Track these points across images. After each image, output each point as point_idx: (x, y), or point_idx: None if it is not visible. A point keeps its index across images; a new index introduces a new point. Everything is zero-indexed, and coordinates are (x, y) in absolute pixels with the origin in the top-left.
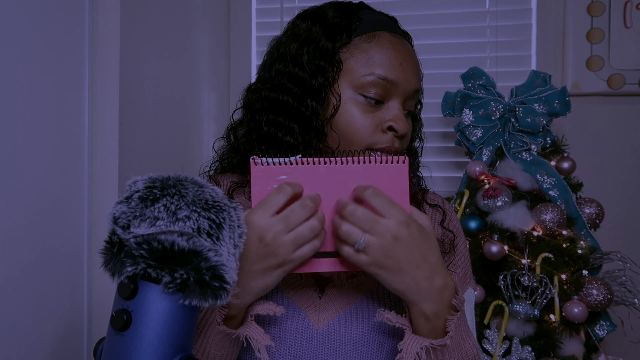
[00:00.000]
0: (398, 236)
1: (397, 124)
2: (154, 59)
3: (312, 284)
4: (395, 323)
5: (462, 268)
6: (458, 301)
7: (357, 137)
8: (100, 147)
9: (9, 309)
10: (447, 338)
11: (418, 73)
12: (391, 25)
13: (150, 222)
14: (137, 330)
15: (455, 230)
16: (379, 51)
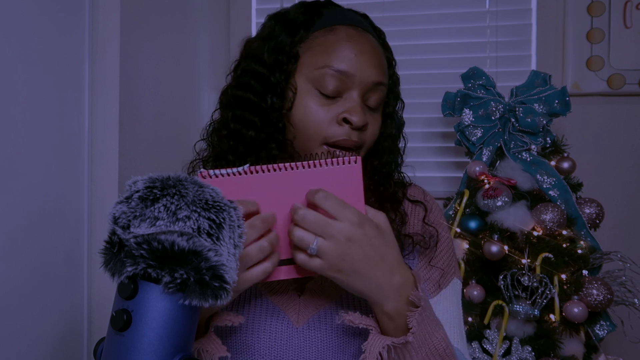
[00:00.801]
0: (352, 237)
1: (352, 115)
2: (154, 59)
3: (292, 282)
4: (359, 324)
5: (446, 260)
6: (415, 297)
7: (312, 130)
8: (100, 147)
9: (9, 309)
10: (409, 335)
11: (379, 66)
12: (353, 19)
13: (151, 222)
14: (137, 330)
15: (437, 223)
16: (334, 44)
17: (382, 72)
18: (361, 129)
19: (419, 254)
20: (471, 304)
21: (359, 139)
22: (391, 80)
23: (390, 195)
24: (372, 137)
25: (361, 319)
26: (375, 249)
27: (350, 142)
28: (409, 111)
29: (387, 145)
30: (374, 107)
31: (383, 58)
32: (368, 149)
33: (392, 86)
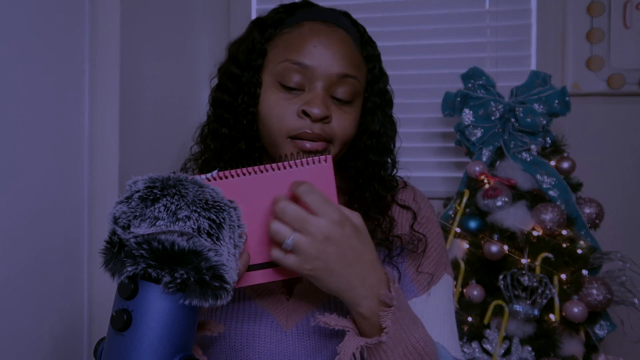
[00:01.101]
0: (330, 236)
1: (310, 107)
2: (154, 59)
3: (280, 286)
4: (335, 326)
5: (436, 256)
6: (386, 296)
7: (275, 124)
8: (100, 147)
9: (9, 309)
10: (382, 335)
11: (345, 58)
12: (323, 15)
13: (151, 222)
14: (137, 330)
15: (428, 220)
16: (297, 38)
17: (348, 65)
18: (323, 121)
19: (407, 256)
20: (471, 304)
21: (323, 132)
22: (371, 75)
23: (377, 200)
24: (343, 131)
25: (337, 320)
26: (352, 249)
27: (311, 134)
28: (409, 111)
29: (370, 143)
30: (345, 99)
31: (353, 51)
32: (342, 144)
33: (373, 82)
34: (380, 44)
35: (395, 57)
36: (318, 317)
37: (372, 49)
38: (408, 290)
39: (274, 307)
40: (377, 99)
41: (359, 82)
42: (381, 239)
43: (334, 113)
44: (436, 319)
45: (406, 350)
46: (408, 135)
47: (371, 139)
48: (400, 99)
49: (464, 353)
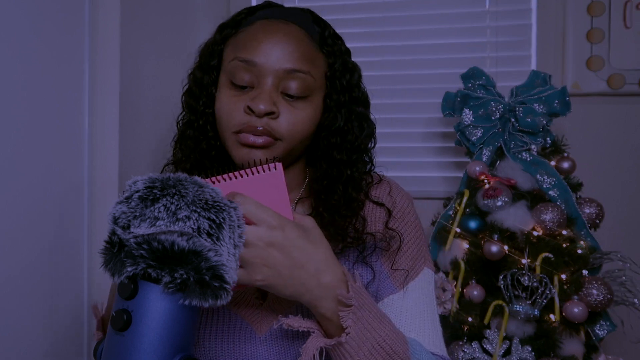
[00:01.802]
0: (272, 242)
1: (253, 102)
2: (154, 59)
3: (254, 291)
4: (298, 327)
5: (412, 252)
6: (343, 296)
7: (224, 121)
8: (100, 147)
9: (9, 308)
10: (342, 336)
11: (293, 53)
12: (277, 13)
13: (151, 222)
14: (137, 330)
15: (403, 214)
16: (246, 36)
17: (297, 60)
18: (269, 116)
19: (381, 253)
20: (471, 304)
21: (269, 127)
22: (331, 71)
23: (347, 201)
24: (292, 127)
25: (301, 322)
26: (300, 250)
27: (252, 127)
28: (409, 111)
29: (334, 141)
30: (296, 95)
31: (305, 47)
32: (293, 141)
33: (335, 78)
34: (380, 44)
35: (395, 57)
36: (282, 320)
37: (335, 45)
38: (385, 287)
39: (247, 313)
40: (340, 96)
41: (313, 77)
42: (353, 238)
43: (284, 109)
44: (416, 315)
45: (372, 350)
46: (408, 135)
47: (335, 136)
48: (400, 99)
49: (463, 353)
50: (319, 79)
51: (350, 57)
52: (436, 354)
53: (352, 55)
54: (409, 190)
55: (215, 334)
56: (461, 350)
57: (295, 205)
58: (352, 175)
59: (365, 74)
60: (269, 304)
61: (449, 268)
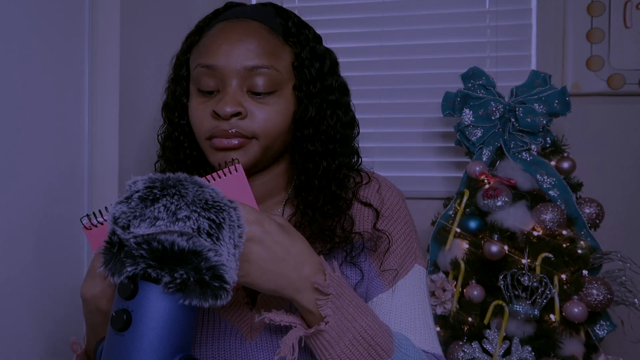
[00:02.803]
0: (251, 237)
1: (217, 107)
2: (154, 59)
3: (244, 296)
4: (280, 322)
5: (401, 251)
6: (319, 284)
7: (197, 129)
8: (100, 147)
9: (9, 308)
10: (321, 324)
11: (252, 50)
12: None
13: (150, 222)
14: (137, 330)
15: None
16: (206, 41)
17: (258, 55)
18: (237, 117)
19: (370, 255)
20: (471, 304)
21: (238, 128)
22: (298, 61)
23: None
24: (264, 123)
25: (282, 316)
26: (278, 243)
27: (222, 131)
28: (409, 111)
29: (307, 133)
30: (263, 92)
31: (266, 41)
32: (269, 137)
33: (303, 67)
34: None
35: (395, 57)
36: (265, 314)
37: (301, 34)
38: (374, 287)
39: (237, 319)
40: (311, 86)
41: (277, 70)
42: (341, 238)
43: (252, 107)
44: (405, 313)
45: (353, 341)
46: (408, 135)
47: (307, 127)
48: (400, 99)
49: (463, 353)
50: (285, 71)
51: (320, 44)
52: (427, 351)
53: (352, 55)
54: (409, 190)
55: (206, 341)
56: (461, 350)
57: (283, 207)
58: (330, 167)
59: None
60: (258, 309)
61: (449, 268)
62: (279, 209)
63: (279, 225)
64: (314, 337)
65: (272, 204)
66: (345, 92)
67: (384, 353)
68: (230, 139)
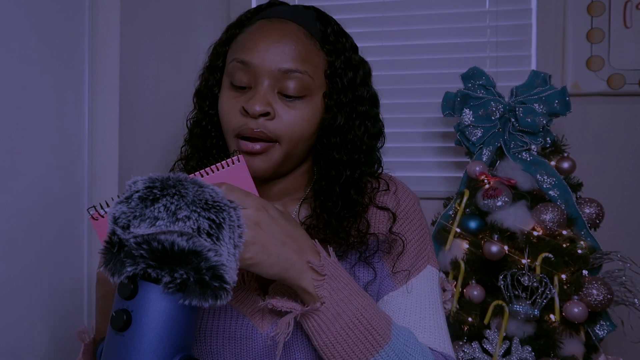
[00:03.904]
0: (259, 222)
1: (248, 104)
2: (154, 59)
3: (256, 288)
4: (281, 307)
5: (414, 252)
6: (315, 265)
7: (225, 123)
8: (100, 147)
9: (9, 308)
10: (317, 303)
11: (288, 53)
12: (278, 12)
13: (150, 222)
14: (137, 330)
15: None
16: (244, 37)
17: (293, 59)
18: (265, 117)
19: (383, 255)
20: (471, 304)
21: (265, 129)
22: (331, 69)
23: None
24: (289, 127)
25: (284, 302)
26: (282, 228)
27: (249, 129)
28: (409, 111)
29: (334, 141)
30: (293, 95)
31: (303, 45)
32: (292, 141)
33: (336, 76)
34: (380, 44)
35: (395, 57)
36: (268, 300)
37: (338, 42)
38: (385, 286)
39: (249, 309)
40: (341, 95)
41: (310, 77)
42: (356, 240)
43: (280, 109)
44: (415, 311)
45: (349, 323)
46: (408, 135)
47: (335, 136)
48: (400, 99)
49: (463, 353)
50: (318, 78)
51: (356, 54)
52: (436, 349)
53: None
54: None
55: (217, 330)
56: (461, 350)
57: (300, 206)
58: (352, 176)
59: None
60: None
61: (449, 268)
62: (295, 208)
63: (280, 211)
64: (310, 319)
65: (288, 201)
66: (375, 104)
67: (380, 338)
68: (254, 142)
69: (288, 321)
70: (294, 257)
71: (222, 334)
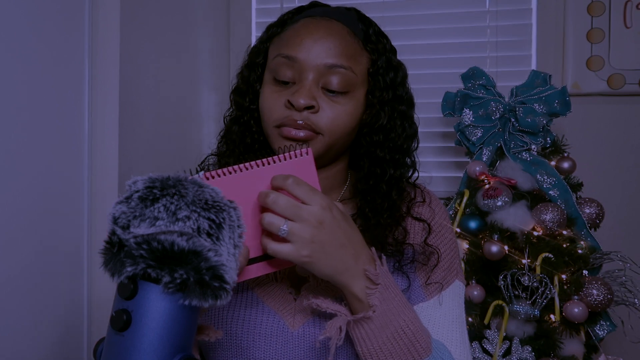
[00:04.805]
0: (322, 220)
1: (293, 97)
2: (154, 59)
3: (288, 285)
4: (326, 309)
5: (445, 265)
6: (372, 273)
7: (267, 116)
8: (100, 147)
9: (9, 308)
10: (369, 311)
11: (333, 49)
12: (321, 11)
13: (150, 222)
14: (137, 330)
15: (440, 227)
16: (290, 33)
17: (338, 55)
18: (309, 110)
19: (417, 266)
20: (471, 304)
21: (308, 120)
22: (374, 67)
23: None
24: (332, 121)
25: (329, 304)
26: (343, 231)
27: (292, 120)
28: None
29: (377, 139)
30: (336, 90)
31: (347, 42)
32: (333, 136)
33: (378, 75)
34: None
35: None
36: (313, 300)
37: (379, 42)
38: (416, 296)
39: (281, 307)
40: (383, 93)
41: (354, 73)
42: (393, 250)
43: (324, 104)
44: (444, 324)
45: (395, 334)
46: None
47: (378, 134)
48: None
49: None
50: (360, 75)
51: (395, 56)
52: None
53: None
54: None
55: (248, 325)
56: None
57: None
58: (395, 175)
59: None
60: (303, 299)
61: None
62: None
63: (342, 213)
64: (358, 326)
65: None
66: (412, 105)
67: (422, 351)
68: (298, 129)
69: (339, 326)
70: (350, 262)
71: (253, 329)
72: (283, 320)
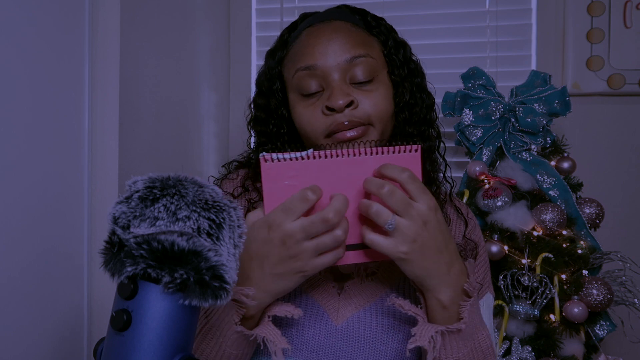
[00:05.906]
0: (427, 221)
1: (329, 101)
2: (154, 59)
3: (332, 280)
4: (408, 311)
5: (481, 273)
6: (470, 286)
7: (310, 132)
8: (100, 147)
9: (9, 309)
10: (461, 323)
11: (346, 42)
12: (316, 18)
13: (150, 222)
14: (137, 330)
15: (478, 238)
16: (298, 47)
17: (353, 46)
18: (350, 108)
19: None
20: None
21: (356, 117)
22: (386, 48)
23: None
24: (375, 107)
25: (410, 306)
26: (443, 235)
27: (339, 124)
28: None
29: (405, 116)
30: (364, 80)
31: (355, 33)
32: (382, 121)
33: (392, 53)
34: None
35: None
36: (393, 299)
37: (380, 25)
38: None
39: (325, 301)
40: (401, 70)
41: (373, 58)
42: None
43: (359, 96)
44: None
45: (474, 348)
46: None
47: (404, 111)
48: None
49: None
50: (378, 58)
51: (396, 33)
52: None
53: None
54: None
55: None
56: None
57: None
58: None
59: None
60: (346, 295)
61: None
62: None
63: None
64: (444, 335)
65: None
66: (424, 76)
67: None
68: (347, 130)
69: (430, 336)
70: (443, 268)
71: (298, 322)
72: (327, 313)
